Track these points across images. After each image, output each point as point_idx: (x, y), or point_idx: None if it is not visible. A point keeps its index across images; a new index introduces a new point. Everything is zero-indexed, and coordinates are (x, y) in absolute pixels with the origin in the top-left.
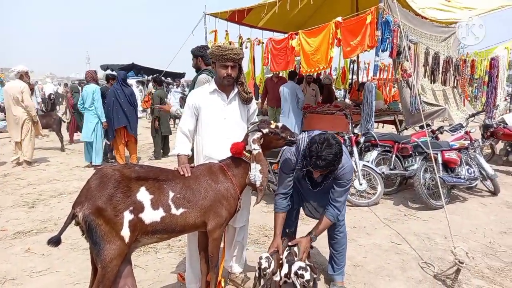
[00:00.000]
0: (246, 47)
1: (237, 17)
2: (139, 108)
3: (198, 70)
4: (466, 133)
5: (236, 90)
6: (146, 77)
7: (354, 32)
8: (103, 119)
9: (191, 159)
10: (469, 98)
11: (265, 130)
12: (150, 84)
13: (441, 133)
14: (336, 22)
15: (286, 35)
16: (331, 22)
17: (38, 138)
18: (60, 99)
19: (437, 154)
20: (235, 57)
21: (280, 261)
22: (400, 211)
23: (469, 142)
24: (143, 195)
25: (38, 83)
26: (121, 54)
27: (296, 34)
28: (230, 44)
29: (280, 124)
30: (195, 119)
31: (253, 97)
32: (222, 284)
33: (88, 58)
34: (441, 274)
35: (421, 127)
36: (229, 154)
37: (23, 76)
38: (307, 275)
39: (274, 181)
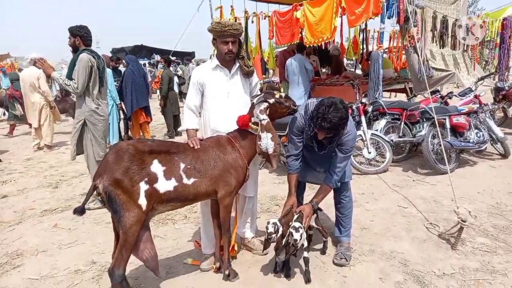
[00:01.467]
0: (253, 22)
1: None
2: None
3: (76, 50)
4: (476, 96)
5: (237, 64)
6: (156, 58)
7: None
8: (118, 102)
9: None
10: (479, 62)
11: (271, 100)
12: (160, 65)
13: (450, 98)
14: None
15: (291, 7)
16: None
17: (55, 123)
18: None
19: (444, 119)
20: (235, 33)
21: (290, 223)
22: (409, 177)
23: (478, 105)
24: (156, 167)
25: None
26: (130, 36)
27: (301, 5)
28: (236, 20)
29: (283, 94)
30: (201, 95)
31: (254, 70)
32: (236, 248)
33: (98, 42)
34: (445, 233)
35: (430, 93)
36: (235, 127)
37: (36, 62)
38: (296, 235)
39: (284, 153)
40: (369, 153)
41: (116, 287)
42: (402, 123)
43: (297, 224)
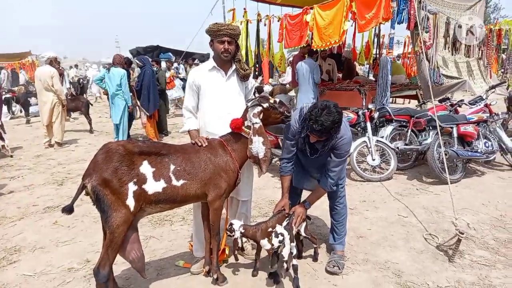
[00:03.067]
0: (265, 25)
1: None
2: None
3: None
4: (486, 105)
5: (234, 67)
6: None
7: (369, 4)
8: (130, 103)
9: None
10: (497, 70)
11: (265, 105)
12: (175, 65)
13: (460, 106)
14: None
15: (302, 9)
16: None
17: (68, 121)
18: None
19: (452, 127)
20: (231, 32)
21: (270, 230)
22: (413, 185)
23: (488, 115)
24: (146, 168)
25: (68, 69)
26: (147, 36)
27: (312, 8)
28: (248, 22)
29: (277, 99)
30: (197, 97)
31: (251, 74)
32: (226, 252)
33: (118, 42)
34: (443, 245)
35: (440, 101)
36: (230, 130)
37: (52, 61)
38: (275, 241)
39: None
40: (373, 160)
41: (101, 287)
42: (409, 130)
43: (279, 229)
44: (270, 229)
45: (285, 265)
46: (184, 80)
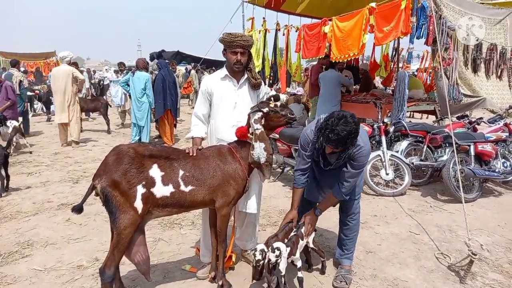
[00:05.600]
0: (284, 34)
1: (274, 3)
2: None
3: None
4: (505, 124)
5: (246, 76)
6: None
7: (388, 18)
8: (153, 106)
9: None
10: None
11: (265, 110)
12: (192, 72)
13: (479, 124)
14: (370, 7)
15: (320, 21)
16: (364, 7)
17: (88, 120)
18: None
19: (469, 145)
20: (244, 44)
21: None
22: (427, 202)
23: (507, 134)
24: (155, 171)
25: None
26: (168, 42)
27: (330, 20)
28: (266, 32)
29: (279, 103)
30: (209, 104)
31: (262, 83)
32: (233, 259)
33: (140, 45)
34: (455, 265)
35: (458, 117)
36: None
37: (70, 61)
38: (271, 256)
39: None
40: (387, 174)
41: (106, 286)
42: (425, 146)
43: (276, 245)
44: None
45: (282, 279)
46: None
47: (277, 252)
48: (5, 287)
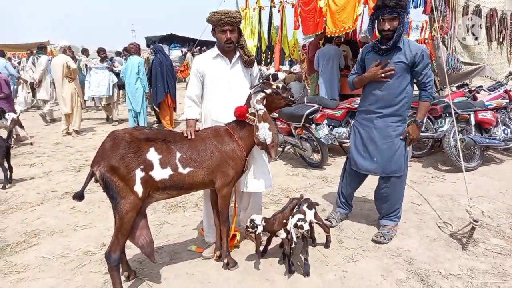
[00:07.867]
0: (279, 11)
1: None
2: None
3: None
4: (506, 91)
5: (238, 54)
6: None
7: None
8: (147, 90)
9: None
10: None
11: (268, 91)
12: (188, 54)
13: (479, 92)
14: None
15: None
16: None
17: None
18: None
19: (469, 114)
20: (232, 21)
21: (285, 221)
22: (428, 173)
23: (507, 101)
24: (152, 154)
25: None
26: (162, 24)
27: None
28: (260, 9)
29: (280, 85)
30: (201, 85)
31: (255, 60)
32: (238, 237)
33: (134, 31)
34: (456, 233)
35: (458, 87)
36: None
37: (66, 50)
38: (306, 226)
39: (300, 146)
40: None
41: (112, 270)
42: (425, 117)
43: (301, 216)
44: (285, 221)
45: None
46: (118, 75)
47: (301, 223)
48: (16, 275)
